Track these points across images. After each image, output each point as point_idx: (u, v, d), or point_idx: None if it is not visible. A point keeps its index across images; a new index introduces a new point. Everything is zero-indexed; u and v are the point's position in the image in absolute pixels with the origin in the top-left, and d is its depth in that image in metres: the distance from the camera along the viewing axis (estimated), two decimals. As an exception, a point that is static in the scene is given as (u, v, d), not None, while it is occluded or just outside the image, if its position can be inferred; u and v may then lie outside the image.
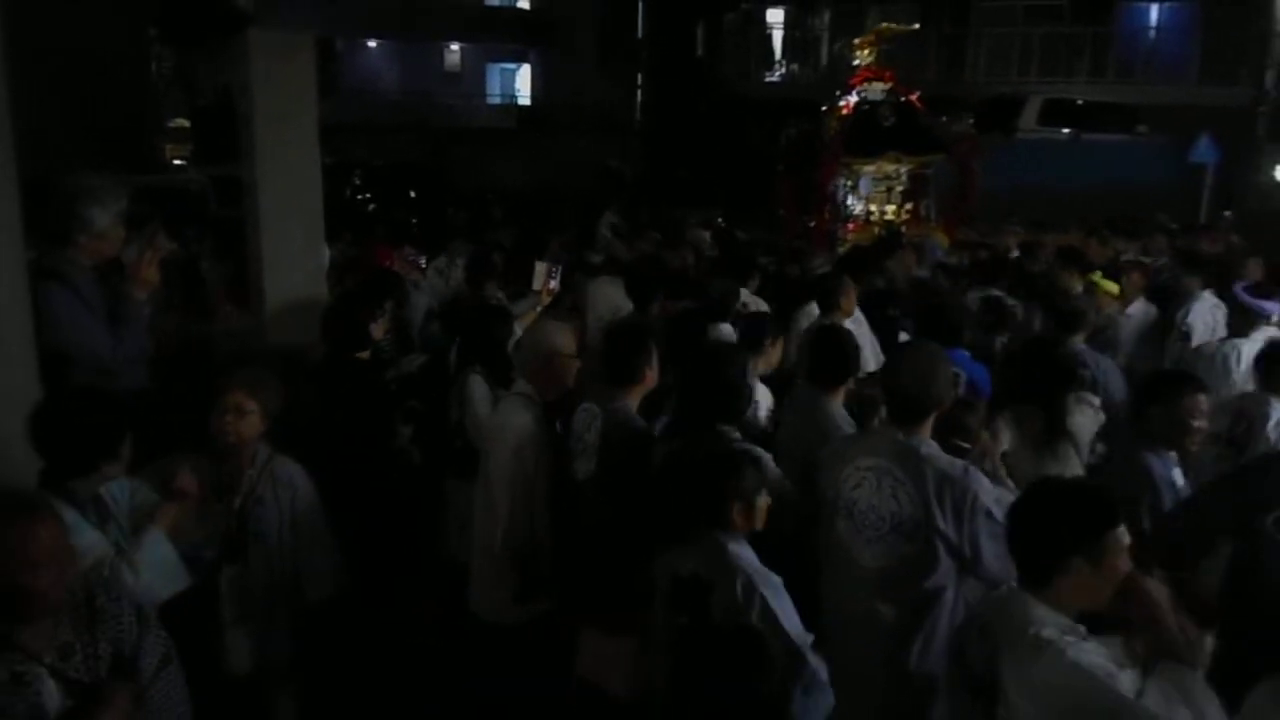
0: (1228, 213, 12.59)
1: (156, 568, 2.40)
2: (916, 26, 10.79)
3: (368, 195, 18.80)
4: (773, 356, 3.98)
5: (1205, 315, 5.36)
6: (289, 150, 3.97)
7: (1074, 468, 3.23)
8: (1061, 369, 3.40)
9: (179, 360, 3.73)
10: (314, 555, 3.03)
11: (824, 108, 10.40)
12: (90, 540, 2.38)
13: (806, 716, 2.24)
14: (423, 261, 6.13)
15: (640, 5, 23.05)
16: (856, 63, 10.21)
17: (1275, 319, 4.57)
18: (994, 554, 2.42)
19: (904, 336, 4.60)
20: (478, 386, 3.76)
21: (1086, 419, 3.53)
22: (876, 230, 8.97)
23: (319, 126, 4.19)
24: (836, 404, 3.47)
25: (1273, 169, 16.62)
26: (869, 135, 9.47)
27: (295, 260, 4.05)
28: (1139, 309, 5.66)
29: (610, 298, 5.53)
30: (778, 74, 22.37)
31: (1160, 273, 6.46)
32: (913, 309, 4.84)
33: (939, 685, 2.46)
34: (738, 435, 2.95)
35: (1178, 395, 2.98)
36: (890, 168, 9.74)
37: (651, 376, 3.26)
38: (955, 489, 2.45)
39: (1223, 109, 16.04)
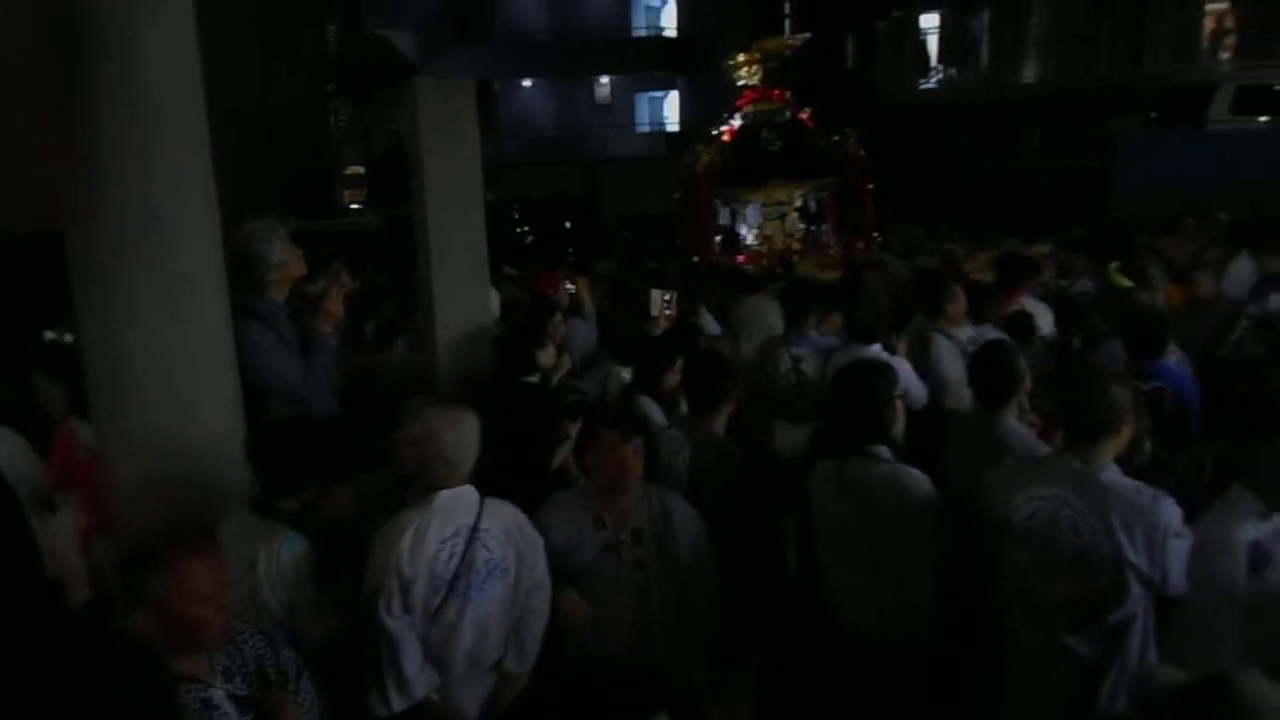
0: (1189, 219, 10.85)
1: None
2: (802, 39, 9.86)
3: (526, 228, 19.60)
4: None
5: None
6: (454, 189, 4.17)
7: None
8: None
9: (359, 388, 3.97)
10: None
11: (713, 131, 9.60)
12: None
13: None
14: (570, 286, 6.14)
15: (787, 22, 22.88)
16: (742, 83, 9.35)
17: None
18: (1179, 571, 2.26)
19: None
20: (653, 409, 3.81)
21: None
22: (764, 261, 8.19)
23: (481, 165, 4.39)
24: (1008, 421, 3.28)
25: None
26: (753, 161, 8.72)
27: (463, 292, 4.24)
28: None
29: (763, 316, 5.47)
30: (934, 80, 21.56)
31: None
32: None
33: None
34: (889, 455, 2.84)
35: None
36: (779, 194, 9.01)
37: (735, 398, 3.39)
38: (1145, 520, 2.24)
39: None
